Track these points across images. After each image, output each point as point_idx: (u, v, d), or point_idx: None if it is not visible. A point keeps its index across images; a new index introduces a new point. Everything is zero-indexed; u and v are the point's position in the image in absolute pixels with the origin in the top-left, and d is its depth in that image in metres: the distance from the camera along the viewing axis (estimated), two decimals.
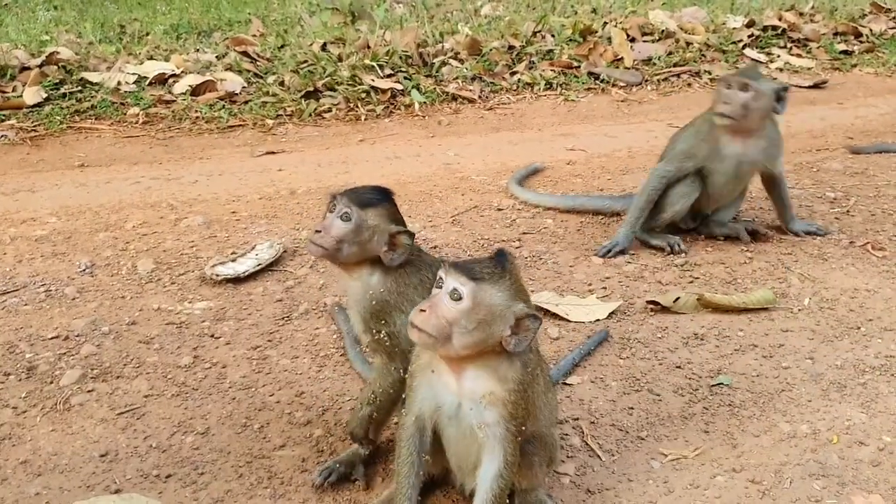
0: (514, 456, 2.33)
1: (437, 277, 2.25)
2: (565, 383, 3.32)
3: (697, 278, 4.21)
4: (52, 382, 3.28)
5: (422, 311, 2.19)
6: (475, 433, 2.32)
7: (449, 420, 2.36)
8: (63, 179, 5.36)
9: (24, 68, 6.73)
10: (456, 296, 2.18)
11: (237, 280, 4.06)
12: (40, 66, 6.73)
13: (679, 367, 3.45)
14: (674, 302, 3.86)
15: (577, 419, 3.12)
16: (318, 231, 2.58)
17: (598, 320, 3.77)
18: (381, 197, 2.65)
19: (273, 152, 5.93)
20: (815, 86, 7.99)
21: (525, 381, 2.29)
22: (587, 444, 2.99)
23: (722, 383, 3.34)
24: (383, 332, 2.60)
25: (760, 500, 2.72)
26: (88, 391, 3.24)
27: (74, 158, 5.71)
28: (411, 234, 2.63)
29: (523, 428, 2.31)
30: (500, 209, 4.97)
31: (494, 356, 2.26)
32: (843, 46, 9.05)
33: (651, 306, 3.89)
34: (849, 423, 3.10)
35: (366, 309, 2.62)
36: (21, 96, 6.33)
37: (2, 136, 5.92)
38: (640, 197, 4.50)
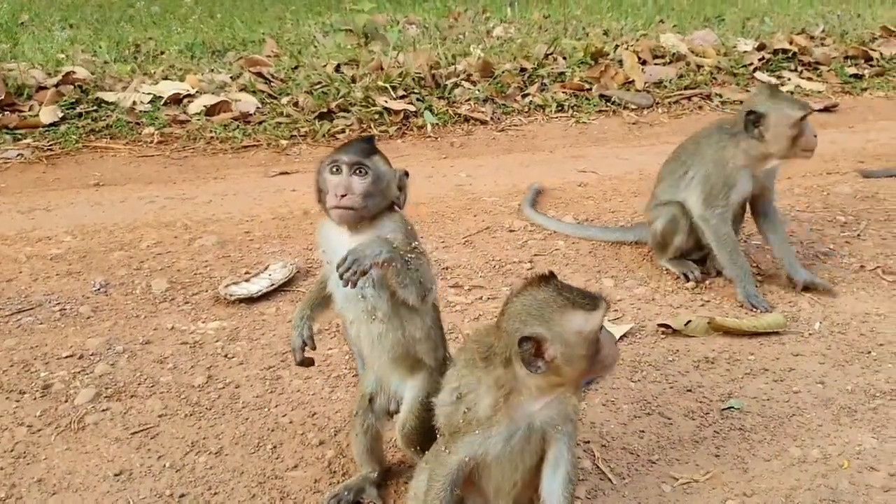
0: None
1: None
2: None
3: (708, 301, 4.22)
4: (66, 401, 3.32)
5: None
6: (526, 451, 2.34)
7: (503, 447, 2.33)
8: (78, 198, 5.42)
9: (41, 87, 6.83)
10: None
11: (250, 300, 4.10)
12: (57, 85, 6.82)
13: (690, 390, 3.46)
14: (685, 325, 3.88)
15: (588, 442, 3.12)
16: (342, 196, 2.49)
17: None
18: (373, 145, 2.62)
19: (287, 173, 5.99)
20: (826, 109, 8.01)
21: None
22: (598, 467, 2.99)
23: (733, 407, 3.35)
24: (414, 255, 2.55)
25: None
26: (103, 410, 3.27)
27: (90, 177, 5.77)
28: (407, 174, 2.66)
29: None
30: (511, 230, 5.00)
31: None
32: (853, 70, 9.07)
33: (662, 329, 3.90)
34: (860, 448, 3.10)
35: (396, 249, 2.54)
36: (38, 115, 6.42)
37: (18, 154, 6.00)
38: (723, 250, 4.25)
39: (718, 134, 4.33)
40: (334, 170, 2.54)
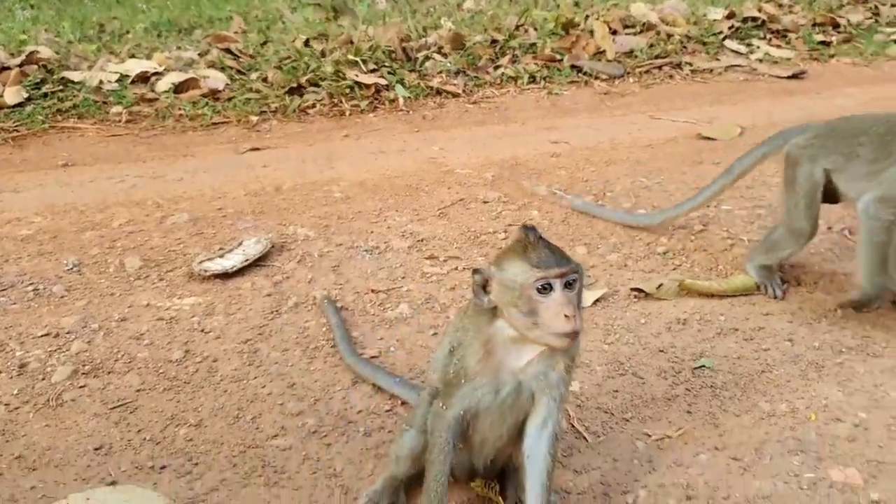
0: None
1: (544, 284, 2.23)
2: None
3: (679, 265, 4.28)
4: (43, 379, 3.31)
5: (573, 317, 2.23)
6: (516, 406, 2.40)
7: (494, 401, 2.40)
8: (47, 179, 5.36)
9: (4, 68, 6.71)
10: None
11: (225, 275, 4.09)
12: (20, 65, 6.71)
13: (662, 351, 3.53)
14: (657, 289, 3.94)
15: None
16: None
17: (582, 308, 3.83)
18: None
19: (257, 149, 5.96)
20: (794, 76, 8.10)
21: None
22: (573, 426, 3.05)
23: (704, 366, 3.42)
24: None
25: (741, 476, 2.79)
26: (80, 387, 3.27)
27: (58, 158, 5.71)
28: None
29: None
30: (485, 202, 5.02)
31: None
32: (821, 37, 9.17)
33: (635, 293, 3.96)
34: (826, 401, 3.18)
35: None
36: (2, 96, 6.32)
37: None
38: (867, 253, 3.65)
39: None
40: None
